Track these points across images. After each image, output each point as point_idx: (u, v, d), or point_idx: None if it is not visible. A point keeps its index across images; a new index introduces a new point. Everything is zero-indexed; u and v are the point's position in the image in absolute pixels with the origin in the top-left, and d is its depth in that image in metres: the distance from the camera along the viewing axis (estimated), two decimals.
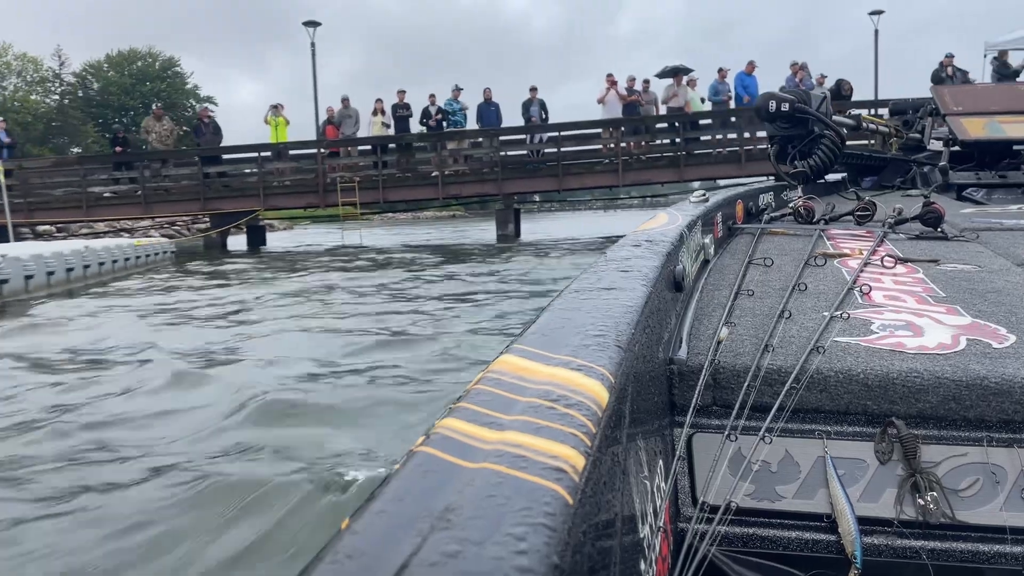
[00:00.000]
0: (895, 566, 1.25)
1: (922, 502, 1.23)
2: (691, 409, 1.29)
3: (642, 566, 0.78)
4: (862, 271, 1.98)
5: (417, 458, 0.52)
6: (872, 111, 17.96)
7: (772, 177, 14.18)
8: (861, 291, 1.78)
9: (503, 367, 0.72)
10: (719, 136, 18.04)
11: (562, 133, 17.87)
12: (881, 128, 5.45)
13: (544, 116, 18.23)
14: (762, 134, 18.46)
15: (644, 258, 1.36)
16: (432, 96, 18.36)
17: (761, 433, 1.25)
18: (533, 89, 18.25)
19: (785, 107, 3.37)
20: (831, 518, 1.26)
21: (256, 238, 19.26)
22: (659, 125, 18.06)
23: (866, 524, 1.25)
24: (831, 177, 4.36)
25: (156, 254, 14.04)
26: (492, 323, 6.95)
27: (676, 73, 17.82)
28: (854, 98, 17.76)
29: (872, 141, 5.63)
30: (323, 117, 19.08)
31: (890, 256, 2.14)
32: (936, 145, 5.13)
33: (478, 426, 0.58)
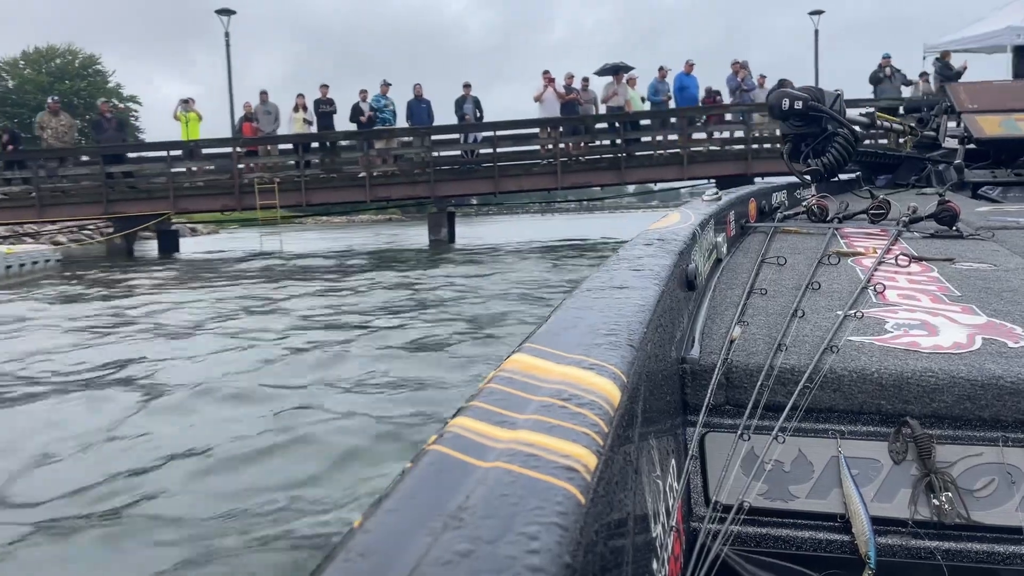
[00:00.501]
0: (909, 567, 1.23)
1: (937, 502, 1.22)
2: (704, 408, 1.28)
3: (654, 565, 0.78)
4: (876, 270, 1.96)
5: (429, 456, 0.52)
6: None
7: (713, 180, 13.61)
8: (875, 290, 1.77)
9: (515, 366, 0.71)
10: (659, 137, 17.30)
11: (497, 133, 16.88)
12: (895, 126, 5.29)
13: (479, 115, 17.23)
14: (701, 136, 17.99)
15: (656, 257, 1.33)
16: (363, 92, 17.16)
17: (774, 433, 1.24)
18: (467, 86, 17.24)
19: (799, 105, 3.31)
20: (845, 518, 1.25)
21: (168, 244, 17.76)
22: (599, 125, 17.23)
23: (880, 524, 1.23)
24: (845, 176, 4.24)
25: (34, 263, 12.46)
26: (414, 341, 5.92)
27: (616, 71, 17.02)
28: None
29: (891, 140, 5.55)
30: (240, 113, 17.70)
31: (904, 255, 2.13)
32: (951, 143, 5.02)
33: (490, 425, 0.57)
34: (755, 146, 16.79)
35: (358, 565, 0.40)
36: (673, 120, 16.99)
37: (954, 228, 2.64)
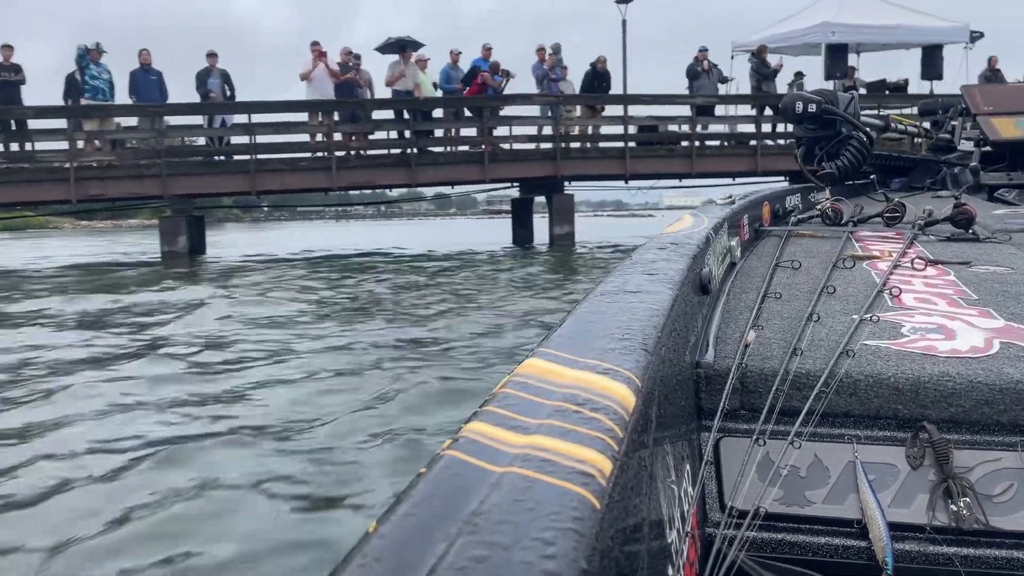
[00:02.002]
0: (927, 573, 1.23)
1: (955, 508, 1.21)
2: (719, 413, 1.26)
3: (670, 571, 0.78)
4: (892, 273, 1.96)
5: (444, 461, 0.52)
6: (625, 109, 15.72)
7: (517, 184, 11.61)
8: (891, 293, 1.76)
9: (529, 370, 0.70)
10: (453, 131, 14.52)
11: (254, 118, 13.25)
12: (910, 129, 5.19)
13: (229, 93, 13.60)
14: (503, 131, 15.50)
15: (670, 261, 1.33)
16: (84, 52, 12.85)
17: (790, 437, 1.23)
18: (212, 55, 13.53)
19: (812, 108, 3.33)
20: (862, 524, 1.24)
21: None
22: (378, 114, 14.10)
23: (897, 530, 1.22)
24: (859, 179, 4.00)
25: None
26: None
27: (403, 47, 14.06)
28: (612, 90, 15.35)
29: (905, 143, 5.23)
30: None
31: (920, 258, 2.13)
32: (967, 145, 4.97)
33: (505, 430, 0.57)
34: (565, 144, 14.52)
35: (374, 570, 0.40)
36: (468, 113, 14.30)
37: (970, 231, 2.62)
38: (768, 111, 15.27)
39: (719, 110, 15.48)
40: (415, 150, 13.94)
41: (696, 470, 1.18)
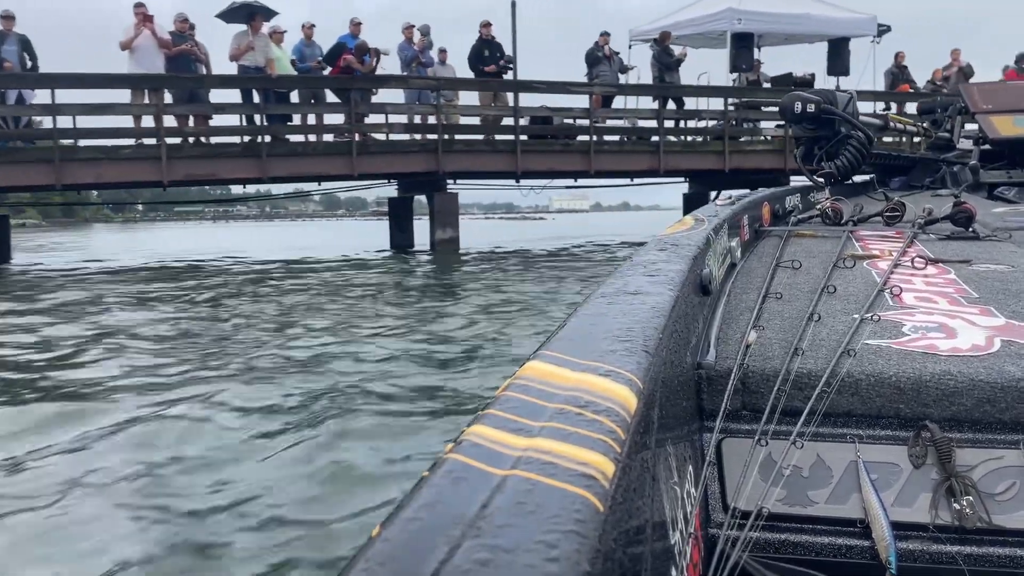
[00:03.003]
0: (931, 572, 1.22)
1: (957, 507, 1.20)
2: (720, 414, 1.27)
3: (673, 573, 0.78)
4: (892, 272, 1.96)
5: (447, 465, 0.52)
6: (516, 98, 13.96)
7: (394, 181, 9.23)
8: (891, 293, 1.76)
9: (531, 373, 0.70)
10: (315, 118, 12.40)
11: (61, 96, 10.72)
12: (909, 128, 5.36)
13: (30, 63, 11.03)
14: (377, 119, 13.40)
15: (670, 262, 1.33)
16: None
17: (792, 438, 1.23)
18: (8, 17, 10.91)
19: (811, 108, 3.33)
20: (864, 523, 1.24)
21: None
22: (221, 95, 11.83)
23: (900, 529, 1.22)
24: (859, 178, 4.08)
25: None
26: None
27: (252, 15, 11.79)
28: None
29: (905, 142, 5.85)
30: None
31: (921, 257, 2.12)
32: (966, 144, 5.02)
33: (507, 432, 0.57)
34: (448, 136, 12.65)
35: (378, 574, 0.40)
36: (332, 97, 12.21)
37: (970, 229, 2.60)
38: (671, 104, 13.92)
39: (619, 103, 13.96)
40: (267, 138, 11.75)
41: (698, 471, 1.18)
